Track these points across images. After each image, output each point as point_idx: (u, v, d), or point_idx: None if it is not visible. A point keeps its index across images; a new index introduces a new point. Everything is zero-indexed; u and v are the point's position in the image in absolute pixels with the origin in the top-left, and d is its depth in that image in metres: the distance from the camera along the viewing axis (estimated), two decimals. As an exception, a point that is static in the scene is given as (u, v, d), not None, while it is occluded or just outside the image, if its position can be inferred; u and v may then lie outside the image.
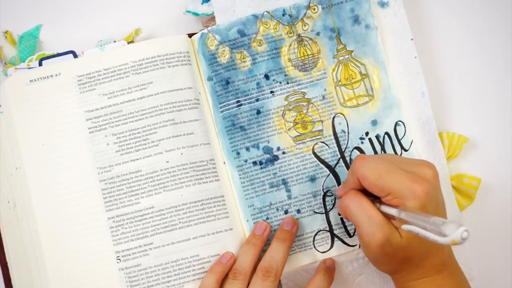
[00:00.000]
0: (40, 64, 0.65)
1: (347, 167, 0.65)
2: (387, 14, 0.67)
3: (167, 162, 0.63)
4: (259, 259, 0.62)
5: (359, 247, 0.64)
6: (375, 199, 0.56)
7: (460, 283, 0.57)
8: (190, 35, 0.67)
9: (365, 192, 0.57)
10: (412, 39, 0.66)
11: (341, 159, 0.65)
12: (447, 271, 0.56)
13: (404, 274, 0.56)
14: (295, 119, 0.65)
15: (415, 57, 0.66)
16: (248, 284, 0.60)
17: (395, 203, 0.53)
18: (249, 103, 0.65)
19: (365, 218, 0.55)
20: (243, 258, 0.62)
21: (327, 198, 0.65)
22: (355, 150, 0.65)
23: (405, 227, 0.51)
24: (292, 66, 0.66)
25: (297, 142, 0.65)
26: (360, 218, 0.55)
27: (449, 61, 0.70)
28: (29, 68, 0.65)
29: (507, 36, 0.70)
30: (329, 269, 0.63)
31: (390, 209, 0.54)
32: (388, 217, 0.54)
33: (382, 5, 0.67)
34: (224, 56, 0.65)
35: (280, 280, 0.63)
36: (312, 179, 0.65)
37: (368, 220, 0.54)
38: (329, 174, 0.65)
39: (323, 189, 0.65)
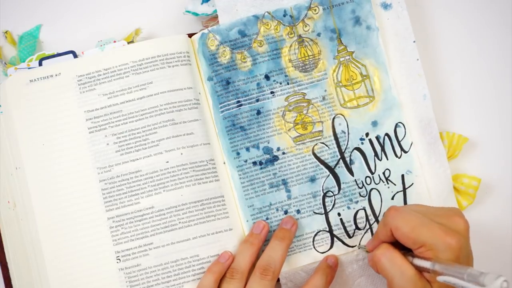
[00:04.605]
0: (40, 64, 0.65)
1: (347, 167, 0.65)
2: (390, 16, 0.66)
3: (167, 162, 0.63)
4: (257, 258, 0.62)
5: (358, 248, 0.64)
6: (406, 252, 0.56)
7: None
8: (190, 35, 0.66)
9: (395, 245, 0.57)
10: (414, 42, 0.66)
11: (341, 160, 0.65)
12: None
13: None
14: (295, 119, 0.65)
15: (417, 60, 0.66)
16: (246, 283, 0.61)
17: (428, 255, 0.54)
18: (249, 103, 0.65)
19: (397, 273, 0.55)
20: (240, 257, 0.62)
21: (327, 199, 0.65)
22: (355, 150, 0.65)
23: (441, 278, 0.51)
24: (292, 66, 0.65)
25: (297, 143, 0.65)
26: (393, 273, 0.55)
27: (450, 63, 0.70)
28: (29, 68, 0.65)
29: (508, 39, 0.70)
30: (330, 268, 0.63)
31: (423, 261, 0.54)
32: (420, 270, 0.55)
33: (385, 7, 0.66)
34: (225, 57, 0.65)
35: (279, 280, 0.63)
36: (312, 179, 0.65)
37: (401, 275, 0.54)
38: (329, 175, 0.65)
39: (323, 190, 0.65)
